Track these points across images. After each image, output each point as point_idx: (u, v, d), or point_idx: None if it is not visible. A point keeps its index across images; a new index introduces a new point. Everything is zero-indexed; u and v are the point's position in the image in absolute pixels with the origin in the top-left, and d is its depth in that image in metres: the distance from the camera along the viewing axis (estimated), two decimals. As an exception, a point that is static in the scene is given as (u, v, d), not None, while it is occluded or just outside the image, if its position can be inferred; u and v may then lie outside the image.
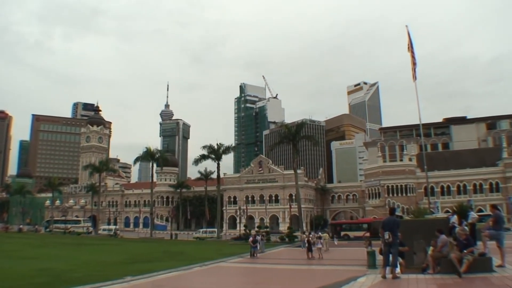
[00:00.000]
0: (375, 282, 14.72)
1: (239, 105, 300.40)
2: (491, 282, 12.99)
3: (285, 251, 43.90)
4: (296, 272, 24.40)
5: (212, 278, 22.42)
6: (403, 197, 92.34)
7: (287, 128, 74.82)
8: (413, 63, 37.15)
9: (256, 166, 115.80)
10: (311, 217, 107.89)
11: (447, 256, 15.22)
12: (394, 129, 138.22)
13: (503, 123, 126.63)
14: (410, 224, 21.84)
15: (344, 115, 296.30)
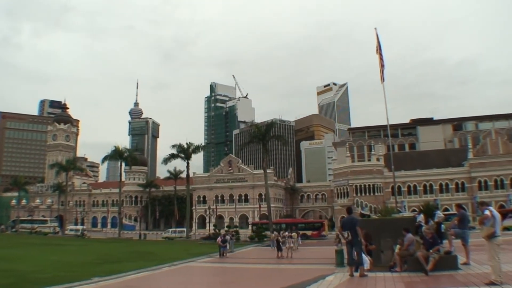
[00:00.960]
0: (343, 280, 14.90)
1: (209, 104, 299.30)
2: (456, 280, 13.30)
3: (255, 250, 43.98)
4: (265, 271, 24.46)
5: (181, 278, 22.31)
6: (371, 196, 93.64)
7: (257, 127, 74.92)
8: (381, 65, 37.66)
9: (226, 166, 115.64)
10: (281, 217, 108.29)
11: (413, 255, 15.53)
12: (362, 129, 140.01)
13: (469, 125, 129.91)
14: (378, 223, 22.15)
15: (313, 115, 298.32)
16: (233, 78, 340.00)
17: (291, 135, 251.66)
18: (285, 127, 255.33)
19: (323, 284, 14.37)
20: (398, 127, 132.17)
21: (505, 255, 16.83)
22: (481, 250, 15.06)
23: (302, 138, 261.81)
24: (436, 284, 12.84)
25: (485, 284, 11.76)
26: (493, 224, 12.08)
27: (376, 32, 37.02)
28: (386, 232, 18.44)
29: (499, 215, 12.60)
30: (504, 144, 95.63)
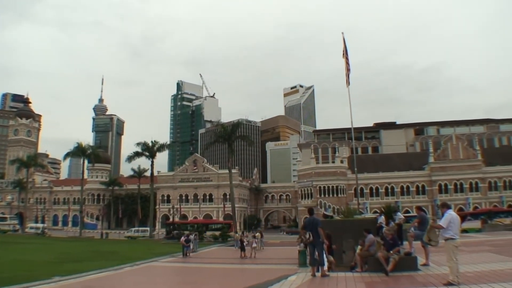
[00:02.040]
0: (305, 280, 15.05)
1: (176, 102, 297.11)
2: (416, 280, 13.60)
3: (218, 250, 43.89)
4: (228, 271, 24.45)
5: (143, 278, 22.07)
6: (334, 197, 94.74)
7: (223, 127, 74.84)
8: (347, 69, 38.21)
9: (191, 165, 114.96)
10: (245, 217, 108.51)
11: (374, 255, 15.81)
12: (327, 132, 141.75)
13: (430, 129, 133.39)
14: (340, 224, 22.44)
15: (279, 116, 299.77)
16: (200, 77, 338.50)
17: (257, 135, 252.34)
18: (251, 127, 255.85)
19: (285, 284, 14.49)
20: (362, 130, 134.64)
21: (462, 257, 17.35)
22: (440, 251, 15.46)
23: (267, 139, 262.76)
24: (396, 284, 13.11)
25: (443, 285, 12.07)
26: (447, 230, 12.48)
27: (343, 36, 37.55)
28: (348, 233, 18.71)
29: (458, 217, 12.98)
30: (464, 149, 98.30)
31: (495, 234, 42.38)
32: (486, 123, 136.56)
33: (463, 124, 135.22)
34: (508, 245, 26.29)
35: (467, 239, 32.83)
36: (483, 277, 13.15)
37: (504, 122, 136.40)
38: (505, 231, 46.32)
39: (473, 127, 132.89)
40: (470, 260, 17.62)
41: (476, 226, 56.06)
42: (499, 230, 50.39)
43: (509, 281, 12.05)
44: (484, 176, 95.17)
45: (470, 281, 12.30)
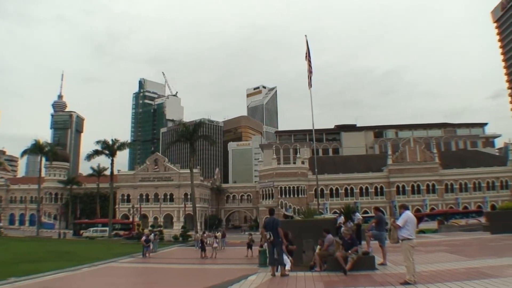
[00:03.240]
0: (265, 280, 15.05)
1: (137, 101, 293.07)
2: (373, 279, 13.79)
3: (179, 250, 43.51)
4: (188, 272, 24.26)
5: (102, 279, 21.63)
6: (295, 198, 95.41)
7: (184, 126, 74.30)
8: (310, 71, 38.50)
9: (152, 164, 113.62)
10: (206, 217, 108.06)
11: (333, 255, 15.97)
12: (289, 133, 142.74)
13: (389, 132, 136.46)
14: (300, 224, 22.57)
15: (242, 117, 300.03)
16: (163, 75, 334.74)
17: (219, 135, 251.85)
18: (213, 127, 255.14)
19: (245, 284, 14.45)
20: (323, 132, 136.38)
21: (419, 256, 17.74)
22: (397, 251, 15.73)
23: (230, 139, 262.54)
24: (354, 283, 13.25)
25: (400, 284, 12.29)
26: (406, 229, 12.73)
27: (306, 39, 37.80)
28: (308, 233, 18.83)
29: (415, 218, 13.24)
30: (421, 152, 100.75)
31: (451, 234, 43.48)
32: (444, 127, 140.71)
33: (421, 127, 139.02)
34: (463, 245, 27.03)
35: (424, 240, 33.59)
36: (439, 276, 13.45)
37: (461, 126, 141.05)
38: (460, 232, 47.62)
39: (431, 131, 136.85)
40: (426, 259, 18.01)
41: (433, 227, 57.46)
42: (455, 231, 51.76)
43: (463, 280, 12.36)
44: (441, 179, 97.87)
45: (426, 280, 12.56)
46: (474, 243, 28.10)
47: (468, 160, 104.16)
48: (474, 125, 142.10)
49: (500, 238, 28.45)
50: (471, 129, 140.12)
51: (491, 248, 23.73)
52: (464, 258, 18.74)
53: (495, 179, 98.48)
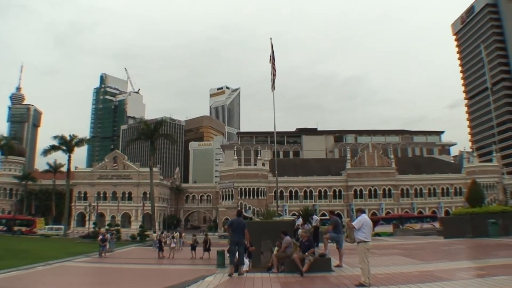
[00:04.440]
0: (223, 280, 15.05)
1: (98, 96, 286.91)
2: (329, 281, 14.00)
3: (136, 250, 42.92)
4: (145, 272, 23.95)
5: (56, 278, 21.06)
6: (255, 199, 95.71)
7: (145, 124, 73.31)
8: (273, 74, 38.72)
9: (111, 162, 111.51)
10: (164, 216, 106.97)
11: (290, 256, 16.12)
12: (251, 134, 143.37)
13: (349, 137, 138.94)
14: (259, 226, 22.67)
15: (204, 116, 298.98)
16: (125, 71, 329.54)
17: (180, 134, 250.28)
18: (175, 126, 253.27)
19: (202, 285, 14.39)
20: (285, 134, 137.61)
21: (375, 259, 18.10)
22: (353, 253, 16.02)
23: (191, 138, 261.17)
24: (310, 285, 13.40)
25: (355, 286, 12.51)
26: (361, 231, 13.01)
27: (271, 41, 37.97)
28: (267, 234, 18.94)
29: (371, 222, 13.53)
30: (379, 157, 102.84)
31: (405, 238, 44.56)
32: (401, 134, 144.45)
33: (380, 133, 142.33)
34: (417, 249, 27.73)
35: (380, 243, 34.29)
36: (393, 279, 13.77)
37: (418, 134, 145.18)
38: (415, 236, 48.89)
39: (389, 137, 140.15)
40: (381, 262, 18.38)
41: (388, 230, 58.83)
42: (409, 234, 53.13)
43: (416, 282, 12.70)
44: (397, 184, 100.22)
45: (380, 283, 12.83)
46: (427, 247, 28.88)
47: (424, 167, 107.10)
48: (431, 133, 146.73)
49: (453, 242, 29.34)
50: (428, 136, 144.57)
51: (444, 252, 24.44)
52: (418, 261, 19.25)
53: (449, 185, 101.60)
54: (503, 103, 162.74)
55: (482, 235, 29.87)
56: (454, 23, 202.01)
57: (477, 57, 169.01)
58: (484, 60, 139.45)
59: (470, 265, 18.05)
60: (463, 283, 12.50)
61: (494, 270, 15.01)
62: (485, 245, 26.03)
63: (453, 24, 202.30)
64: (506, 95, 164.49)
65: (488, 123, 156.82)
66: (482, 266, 16.94)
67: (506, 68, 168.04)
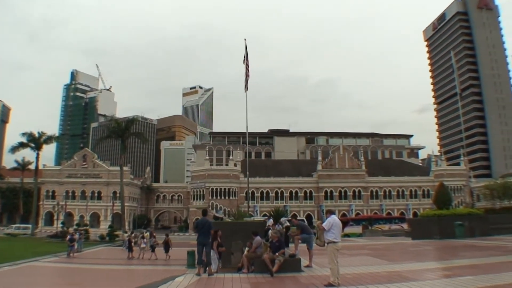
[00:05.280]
0: (192, 281, 14.99)
1: (68, 93, 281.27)
2: (299, 281, 14.11)
3: (105, 250, 42.36)
4: (114, 273, 23.69)
5: (23, 278, 20.61)
6: (226, 200, 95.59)
7: (116, 122, 72.39)
8: (247, 74, 38.79)
9: (80, 160, 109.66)
10: (134, 216, 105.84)
11: (261, 257, 16.17)
12: (223, 134, 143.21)
13: (320, 139, 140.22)
14: (230, 226, 22.67)
15: (176, 116, 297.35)
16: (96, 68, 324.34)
17: (152, 133, 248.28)
18: (147, 125, 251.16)
19: (172, 285, 14.31)
20: (257, 135, 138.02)
21: (344, 259, 18.33)
22: (323, 254, 16.17)
23: (163, 137, 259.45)
24: (280, 285, 13.48)
25: (324, 286, 12.64)
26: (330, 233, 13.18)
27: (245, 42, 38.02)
28: (238, 235, 18.98)
29: (340, 223, 13.70)
30: (350, 159, 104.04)
31: (374, 239, 45.21)
32: (372, 136, 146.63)
33: (351, 136, 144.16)
34: (385, 249, 28.16)
35: (349, 243, 34.67)
36: (361, 279, 13.97)
37: (387, 137, 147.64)
38: (383, 237, 49.64)
39: (360, 140, 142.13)
40: (350, 262, 18.62)
41: (358, 231, 59.57)
42: (378, 235, 53.90)
43: (384, 283, 12.91)
44: (367, 185, 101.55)
45: (349, 283, 13.00)
46: (396, 247, 29.36)
47: (393, 169, 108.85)
48: (400, 136, 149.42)
49: (420, 243, 29.90)
50: (397, 140, 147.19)
51: (411, 253, 24.90)
52: (386, 262, 19.58)
53: (417, 188, 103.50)
54: (471, 109, 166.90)
55: (449, 236, 30.50)
56: (426, 29, 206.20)
57: (447, 63, 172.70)
58: (453, 66, 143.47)
59: (437, 266, 18.43)
60: (430, 283, 12.77)
61: (460, 270, 15.36)
62: (452, 246, 26.58)
63: (425, 31, 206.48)
64: (474, 101, 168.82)
65: (456, 127, 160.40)
66: (449, 266, 17.33)
67: (475, 74, 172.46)
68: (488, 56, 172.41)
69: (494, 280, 12.58)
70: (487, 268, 15.72)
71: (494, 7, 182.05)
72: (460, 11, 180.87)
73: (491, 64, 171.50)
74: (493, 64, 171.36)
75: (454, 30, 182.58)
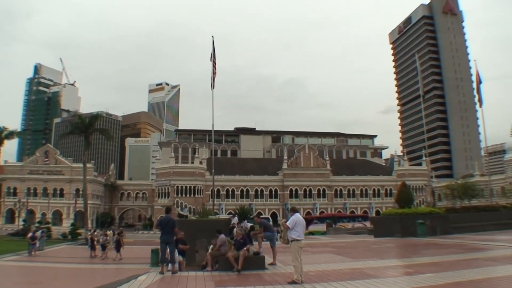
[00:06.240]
0: (156, 279, 14.89)
1: (31, 87, 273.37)
2: (263, 279, 14.19)
3: (67, 249, 41.51)
4: (76, 271, 23.28)
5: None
6: (191, 198, 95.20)
7: (80, 118, 71.01)
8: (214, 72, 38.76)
9: (42, 156, 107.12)
10: (98, 214, 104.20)
11: (225, 255, 16.22)
12: (189, 132, 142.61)
13: (286, 138, 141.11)
14: (195, 224, 22.63)
15: (142, 112, 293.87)
16: (61, 62, 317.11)
17: (117, 130, 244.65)
18: (111, 121, 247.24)
19: (135, 284, 14.17)
20: (223, 133, 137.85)
21: (307, 257, 18.53)
22: (286, 252, 16.31)
23: (128, 134, 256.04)
24: (244, 283, 13.53)
25: (287, 283, 12.78)
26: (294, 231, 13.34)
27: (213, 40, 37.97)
28: (202, 233, 18.97)
29: (304, 221, 13.85)
30: (315, 158, 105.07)
31: (338, 237, 45.81)
32: (337, 136, 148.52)
33: (316, 135, 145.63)
34: (348, 247, 28.58)
35: (313, 241, 35.06)
36: (325, 276, 14.16)
37: (352, 137, 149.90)
38: (346, 235, 50.32)
39: (325, 139, 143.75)
40: (314, 260, 18.82)
41: (322, 229, 60.28)
42: (342, 233, 54.65)
43: (347, 280, 13.11)
44: (331, 184, 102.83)
45: (312, 280, 13.16)
46: (358, 245, 29.83)
47: (357, 168, 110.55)
48: (365, 137, 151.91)
49: (382, 241, 30.46)
50: (362, 140, 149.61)
51: (373, 250, 25.32)
52: (348, 259, 19.88)
53: (380, 187, 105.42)
54: (433, 110, 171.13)
55: (411, 234, 31.11)
56: (391, 32, 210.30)
57: (411, 65, 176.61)
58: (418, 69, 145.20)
59: (399, 263, 18.76)
60: (391, 281, 13.01)
61: (421, 268, 15.68)
62: (413, 244, 27.13)
63: (391, 33, 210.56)
64: (436, 103, 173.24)
65: (419, 128, 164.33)
66: (410, 264, 17.67)
67: (438, 77, 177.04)
68: (451, 60, 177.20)
69: (454, 278, 12.90)
70: (447, 265, 16.11)
71: (458, 12, 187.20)
72: (426, 15, 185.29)
73: (454, 67, 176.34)
74: (456, 68, 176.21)
75: (420, 33, 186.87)
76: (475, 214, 37.96)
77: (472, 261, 17.07)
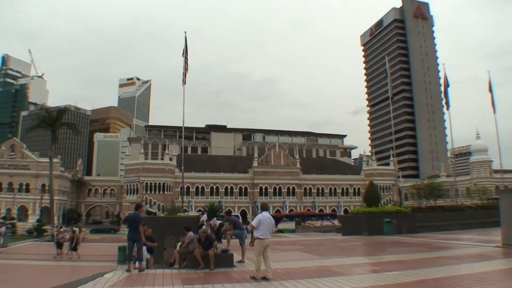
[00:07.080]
0: (122, 277, 14.73)
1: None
2: (230, 276, 14.21)
3: (33, 245, 40.70)
4: (42, 269, 22.84)
5: None
6: (161, 194, 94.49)
7: (47, 112, 69.59)
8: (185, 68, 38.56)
9: (8, 150, 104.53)
10: (64, 210, 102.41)
11: (192, 252, 16.17)
12: (159, 128, 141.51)
13: (257, 136, 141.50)
14: (163, 221, 22.50)
15: (111, 107, 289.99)
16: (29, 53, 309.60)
17: (85, 124, 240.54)
18: (80, 115, 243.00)
19: (100, 282, 13.97)
20: (194, 130, 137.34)
21: (276, 255, 18.65)
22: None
23: (97, 129, 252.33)
24: (211, 280, 13.50)
25: (250, 277, 13.16)
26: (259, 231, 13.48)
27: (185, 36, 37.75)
28: (171, 230, 18.88)
29: (270, 219, 13.90)
30: (285, 157, 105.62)
31: (306, 235, 46.12)
32: (307, 135, 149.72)
33: (287, 134, 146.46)
34: (317, 245, 28.82)
35: (282, 239, 35.24)
36: (293, 273, 14.27)
37: (322, 136, 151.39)
38: (315, 233, 50.80)
39: (295, 138, 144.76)
40: (282, 258, 18.90)
41: (291, 227, 60.75)
42: (310, 231, 55.17)
43: (314, 277, 13.23)
44: (301, 183, 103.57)
45: (280, 277, 13.23)
46: (327, 243, 30.12)
47: (326, 168, 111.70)
48: (334, 136, 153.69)
49: (350, 239, 30.87)
50: (332, 139, 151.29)
51: (341, 248, 25.64)
52: (316, 257, 20.08)
53: (349, 186, 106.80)
54: (401, 112, 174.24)
55: (378, 233, 31.57)
56: (363, 34, 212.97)
57: (381, 68, 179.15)
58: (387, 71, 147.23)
59: (366, 261, 19.02)
60: (358, 278, 13.22)
61: (388, 265, 15.95)
62: (380, 242, 27.52)
63: (363, 36, 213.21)
64: (405, 105, 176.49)
65: (387, 129, 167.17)
66: (377, 262, 17.93)
67: (407, 80, 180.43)
68: (421, 63, 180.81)
69: (420, 275, 13.15)
70: (413, 263, 16.44)
71: (429, 17, 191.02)
72: (397, 19, 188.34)
73: (423, 71, 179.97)
74: (425, 71, 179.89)
75: (390, 36, 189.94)
76: (440, 213, 38.78)
77: (437, 260, 17.40)
